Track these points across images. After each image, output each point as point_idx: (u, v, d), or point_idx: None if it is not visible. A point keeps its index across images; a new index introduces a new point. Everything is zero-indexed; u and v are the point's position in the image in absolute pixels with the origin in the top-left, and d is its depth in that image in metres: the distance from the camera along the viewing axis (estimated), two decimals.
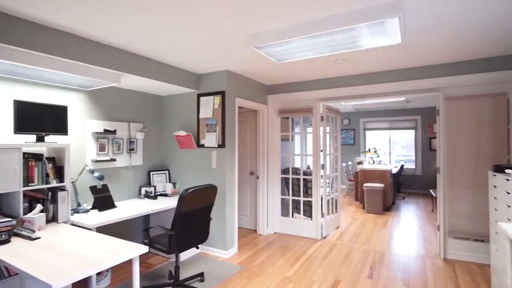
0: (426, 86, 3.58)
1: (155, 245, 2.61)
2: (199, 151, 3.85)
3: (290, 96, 4.44)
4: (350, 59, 3.25)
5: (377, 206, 5.75)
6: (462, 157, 3.44)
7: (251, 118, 4.75)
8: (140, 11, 2.09)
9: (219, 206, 3.67)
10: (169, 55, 3.11)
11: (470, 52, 3.09)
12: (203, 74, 3.85)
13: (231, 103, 3.75)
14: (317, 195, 4.29)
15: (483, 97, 3.35)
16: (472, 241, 3.40)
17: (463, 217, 3.43)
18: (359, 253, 3.75)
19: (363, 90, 3.92)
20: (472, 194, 3.39)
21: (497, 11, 2.13)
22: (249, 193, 4.78)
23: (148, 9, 2.06)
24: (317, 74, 3.96)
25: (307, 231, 4.38)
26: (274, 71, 3.77)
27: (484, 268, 3.23)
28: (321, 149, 4.33)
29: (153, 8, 2.05)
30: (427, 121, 7.93)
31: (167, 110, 4.20)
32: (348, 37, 2.38)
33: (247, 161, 4.80)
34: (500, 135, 3.28)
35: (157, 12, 2.12)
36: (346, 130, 8.98)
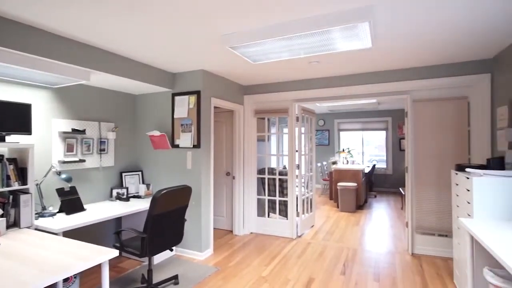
0: (395, 89, 3.73)
1: (126, 249, 2.53)
2: (173, 152, 3.77)
3: (266, 97, 4.47)
4: (324, 61, 3.33)
5: (351, 205, 5.93)
6: (428, 157, 3.63)
7: (227, 118, 4.73)
8: (111, 7, 2.02)
9: (194, 207, 3.62)
10: (142, 53, 3.03)
11: (436, 58, 3.26)
12: (178, 73, 3.79)
13: (207, 103, 3.71)
14: (293, 195, 4.35)
15: (446, 100, 3.55)
16: (437, 236, 3.59)
17: (429, 214, 3.62)
18: (333, 250, 3.84)
19: (337, 92, 4.02)
20: (437, 192, 3.59)
21: (459, 23, 2.26)
22: (225, 194, 4.75)
23: (119, 6, 1.99)
24: (293, 75, 4.02)
25: (282, 230, 4.43)
26: (251, 71, 3.78)
27: (447, 261, 3.42)
28: (297, 149, 4.39)
29: (125, 5, 1.99)
30: (397, 122, 8.28)
31: (141, 110, 4.08)
32: (322, 40, 2.43)
33: (223, 162, 4.77)
34: (461, 136, 3.49)
35: (129, 10, 2.05)
36: (321, 130, 9.17)
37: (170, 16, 2.17)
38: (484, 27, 2.41)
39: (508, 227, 1.98)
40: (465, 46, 2.86)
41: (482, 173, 2.24)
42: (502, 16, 2.19)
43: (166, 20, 2.24)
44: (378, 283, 2.95)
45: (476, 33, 2.54)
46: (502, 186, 2.16)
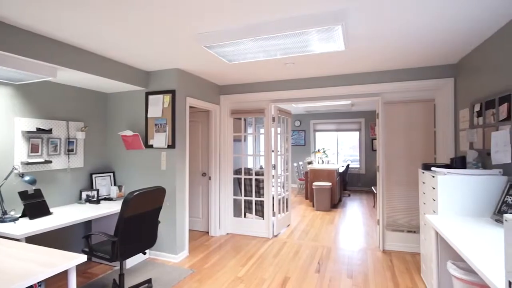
0: (368, 91, 3.86)
1: (96, 253, 2.43)
2: (147, 152, 3.67)
3: (242, 97, 4.46)
4: (299, 63, 3.38)
5: (325, 204, 6.06)
6: (398, 157, 3.78)
7: (204, 118, 4.67)
8: (78, 1, 1.93)
9: (169, 208, 3.54)
10: (113, 50, 2.92)
11: (405, 62, 3.40)
12: (152, 72, 3.69)
13: (182, 102, 3.65)
14: (269, 195, 4.38)
15: (415, 102, 3.72)
16: (406, 232, 3.75)
17: (398, 211, 3.77)
18: (308, 249, 3.91)
19: (312, 93, 4.09)
20: (406, 190, 3.75)
21: (426, 30, 2.38)
22: (201, 195, 4.69)
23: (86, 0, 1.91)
24: (269, 76, 4.04)
25: (259, 230, 4.44)
26: (227, 71, 3.76)
27: (415, 256, 3.59)
28: (273, 150, 4.42)
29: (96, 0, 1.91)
30: (369, 123, 8.57)
31: (113, 109, 3.93)
32: (298, 41, 2.46)
33: (199, 162, 4.71)
34: (428, 136, 3.67)
35: (100, 5, 1.97)
36: (297, 131, 9.30)
37: (142, 12, 2.11)
38: (449, 35, 2.55)
39: (469, 222, 2.10)
40: (432, 51, 3.02)
41: (446, 172, 2.37)
42: (464, 24, 2.33)
43: (138, 16, 2.18)
44: (351, 279, 3.03)
45: (441, 40, 2.68)
46: (464, 183, 2.29)
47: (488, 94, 2.64)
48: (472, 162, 2.68)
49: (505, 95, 2.30)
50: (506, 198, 2.09)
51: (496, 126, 2.44)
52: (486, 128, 2.62)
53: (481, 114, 2.72)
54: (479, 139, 2.77)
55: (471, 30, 2.46)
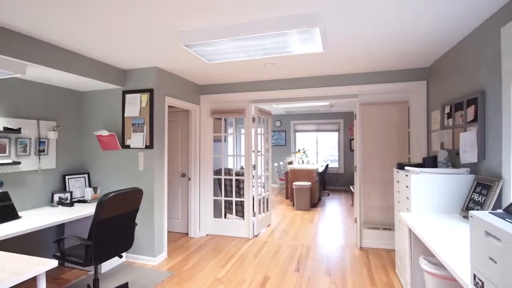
0: (346, 93, 3.95)
1: (69, 258, 2.33)
2: (124, 153, 3.57)
3: (222, 97, 4.44)
4: (279, 63, 3.40)
5: (305, 203, 6.14)
6: (374, 157, 3.90)
7: (183, 118, 4.61)
8: None
9: (147, 210, 3.47)
10: (88, 47, 2.82)
11: (381, 65, 3.51)
12: (130, 70, 3.60)
13: (160, 101, 3.58)
14: (249, 195, 4.38)
15: (390, 104, 3.84)
16: (381, 230, 3.87)
17: (375, 210, 3.89)
18: (288, 248, 3.94)
19: (292, 94, 4.14)
20: (382, 189, 3.87)
21: (400, 35, 2.47)
22: (180, 196, 4.62)
23: None
24: (249, 76, 4.04)
25: (239, 231, 4.43)
26: (207, 71, 3.73)
27: (390, 253, 3.71)
28: (253, 150, 4.43)
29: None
30: (348, 124, 8.77)
31: (88, 108, 3.80)
32: (278, 42, 2.48)
33: (178, 163, 4.64)
34: (402, 137, 3.80)
35: (73, 1, 1.90)
36: (278, 131, 9.37)
37: (118, 7, 2.05)
38: (421, 39, 2.66)
39: (440, 219, 2.20)
40: (406, 55, 3.13)
41: (418, 171, 2.47)
42: (437, 30, 2.44)
43: (114, 13, 2.11)
44: (329, 277, 3.09)
45: (414, 44, 2.79)
46: (435, 182, 2.39)
47: (457, 97, 2.77)
48: (443, 162, 2.81)
49: (472, 97, 2.42)
50: (473, 195, 2.20)
51: (464, 127, 2.56)
52: (456, 129, 2.75)
53: (451, 116, 2.85)
54: (449, 140, 2.90)
55: (443, 34, 2.58)
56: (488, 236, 1.07)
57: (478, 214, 1.15)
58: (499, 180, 1.98)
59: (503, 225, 1.00)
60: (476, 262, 1.15)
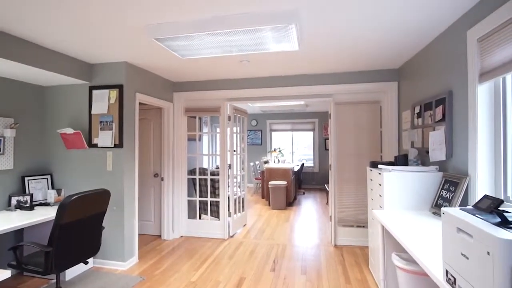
0: (321, 92, 3.98)
1: (26, 267, 2.15)
2: (91, 152, 3.37)
3: (197, 95, 4.32)
4: (255, 61, 3.36)
5: (281, 202, 6.15)
6: (348, 155, 3.96)
7: (156, 116, 4.44)
8: None
9: (116, 212, 3.29)
10: (50, 38, 2.61)
11: (354, 65, 3.57)
12: (97, 64, 3.40)
13: (131, 98, 3.41)
14: (224, 195, 4.30)
15: (363, 104, 3.92)
16: (355, 227, 3.94)
17: (349, 208, 3.95)
18: (264, 248, 3.91)
19: (268, 93, 4.11)
20: (355, 187, 3.94)
21: (371, 37, 2.51)
22: (153, 197, 4.45)
23: None
24: (224, 74, 3.97)
25: (214, 231, 4.34)
26: (180, 67, 3.60)
27: (364, 250, 3.78)
28: (228, 149, 4.35)
29: None
30: (323, 123, 8.91)
31: (51, 104, 3.54)
32: (253, 39, 2.43)
33: (150, 162, 4.46)
34: (375, 136, 3.89)
35: None
36: (254, 130, 9.34)
37: None
38: (389, 42, 2.72)
39: (411, 216, 2.25)
40: (377, 56, 3.20)
41: (390, 169, 2.52)
42: (406, 33, 2.50)
43: (80, 1, 1.96)
44: (305, 275, 3.09)
45: (384, 46, 2.85)
46: (406, 180, 2.45)
47: (426, 97, 2.86)
48: (413, 160, 2.89)
49: (440, 98, 2.51)
50: (442, 192, 2.27)
51: (433, 127, 2.65)
52: (425, 128, 2.84)
53: (421, 116, 2.94)
54: (418, 139, 3.00)
55: (413, 37, 2.65)
56: (459, 232, 1.08)
57: (449, 211, 1.16)
58: (465, 177, 2.06)
59: (474, 222, 1.01)
60: (448, 258, 1.16)
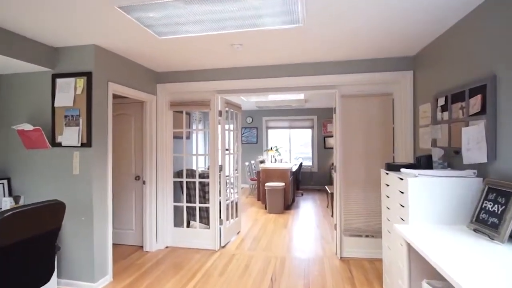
0: (324, 83, 3.49)
1: None
2: (55, 152, 2.84)
3: (184, 87, 3.80)
4: (249, 45, 2.85)
5: (278, 206, 5.66)
6: (355, 155, 3.48)
7: (137, 111, 3.91)
8: None
9: (84, 224, 2.77)
10: (2, 14, 2.09)
11: (363, 51, 3.08)
12: (62, 48, 2.86)
13: (102, 88, 2.88)
14: (215, 200, 3.80)
15: (373, 96, 3.44)
16: (364, 237, 3.47)
17: (356, 215, 3.47)
18: (259, 261, 3.42)
19: (264, 84, 3.60)
20: (364, 192, 3.46)
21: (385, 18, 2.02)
22: (134, 202, 3.93)
23: None
24: (214, 62, 3.45)
25: (204, 241, 3.83)
26: (162, 54, 3.08)
27: (374, 263, 3.31)
28: (219, 148, 3.85)
29: None
30: (322, 120, 8.44)
31: (5, 95, 3.00)
32: (244, 9, 1.92)
33: (131, 163, 3.94)
34: (387, 134, 3.41)
35: None
36: (249, 128, 8.84)
37: None
38: (406, 25, 2.23)
39: (446, 232, 1.78)
40: (390, 41, 2.71)
41: (417, 174, 2.04)
42: (423, 15, 2.01)
43: None
44: None
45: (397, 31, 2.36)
46: (436, 186, 1.97)
47: (454, 86, 2.38)
48: (438, 162, 2.42)
49: (478, 85, 2.03)
50: (485, 204, 1.79)
51: (466, 121, 2.17)
52: (454, 123, 2.36)
53: (447, 109, 2.47)
54: (444, 136, 2.52)
55: (437, 13, 2.16)
56: None
57: None
58: None
59: None
60: None
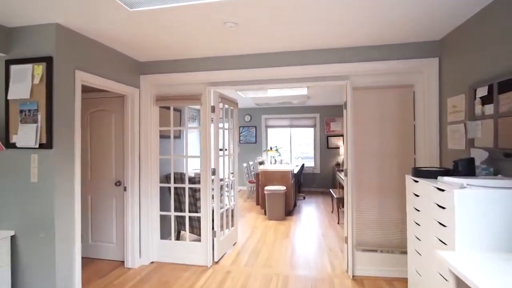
0: (332, 73, 3.00)
1: None
2: (9, 155, 2.34)
3: (171, 78, 3.31)
4: (245, 22, 2.35)
5: (279, 212, 5.17)
6: (369, 157, 2.99)
7: (119, 107, 3.41)
8: None
9: (43, 242, 2.27)
10: None
11: (378, 35, 2.59)
12: (17, 29, 2.36)
13: (67, 77, 2.38)
14: (207, 209, 3.30)
15: (390, 88, 2.94)
16: (379, 253, 2.98)
17: (371, 226, 2.98)
18: (258, 281, 2.93)
19: (263, 74, 3.11)
20: (378, 199, 2.97)
21: None
22: (114, 211, 3.43)
23: None
24: (205, 49, 2.96)
25: (195, 256, 3.34)
26: (139, 34, 2.58)
27: (394, 284, 2.82)
28: (214, 149, 3.35)
29: None
30: (325, 118, 7.94)
31: None
32: None
33: (111, 167, 3.44)
34: (407, 132, 2.92)
35: None
36: (247, 127, 8.34)
37: None
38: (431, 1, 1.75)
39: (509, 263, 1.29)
40: (411, 22, 2.22)
41: (465, 184, 1.55)
42: None
43: None
44: None
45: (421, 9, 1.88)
46: (496, 202, 1.48)
47: (501, 72, 1.90)
48: (482, 166, 1.93)
49: None
50: None
51: None
52: (502, 118, 1.88)
53: (491, 100, 1.98)
54: (487, 135, 2.03)
55: None
56: None
57: None
58: None
59: None
60: None
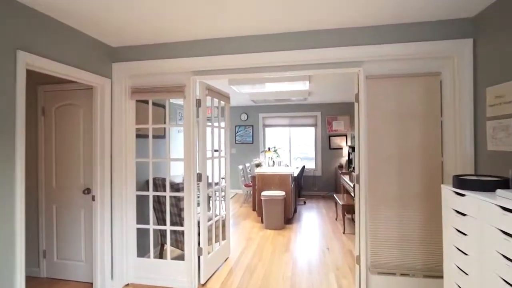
0: (341, 58, 2.48)
1: None
2: None
3: (149, 66, 2.78)
4: None
5: (277, 220, 4.64)
6: (385, 159, 2.47)
7: (88, 101, 2.89)
8: None
9: None
10: None
11: (398, 11, 2.08)
12: None
13: (5, 59, 1.86)
14: (192, 221, 2.78)
15: (411, 77, 2.43)
16: (398, 276, 2.46)
17: (388, 244, 2.46)
18: None
19: (257, 60, 2.59)
20: (397, 211, 2.45)
21: None
22: (83, 224, 2.91)
23: None
24: (187, 29, 2.43)
25: (178, 277, 2.81)
26: (108, 11, 2.06)
27: None
28: (200, 150, 2.83)
29: None
30: (326, 117, 7.42)
31: None
32: None
33: (79, 171, 2.92)
34: (431, 129, 2.41)
35: None
36: (244, 126, 7.81)
37: None
38: None
39: None
40: None
41: None
42: None
43: None
44: None
45: None
46: None
47: None
48: None
49: None
50: None
51: None
52: None
53: None
54: None
55: None
56: None
57: None
58: None
59: None
60: None
